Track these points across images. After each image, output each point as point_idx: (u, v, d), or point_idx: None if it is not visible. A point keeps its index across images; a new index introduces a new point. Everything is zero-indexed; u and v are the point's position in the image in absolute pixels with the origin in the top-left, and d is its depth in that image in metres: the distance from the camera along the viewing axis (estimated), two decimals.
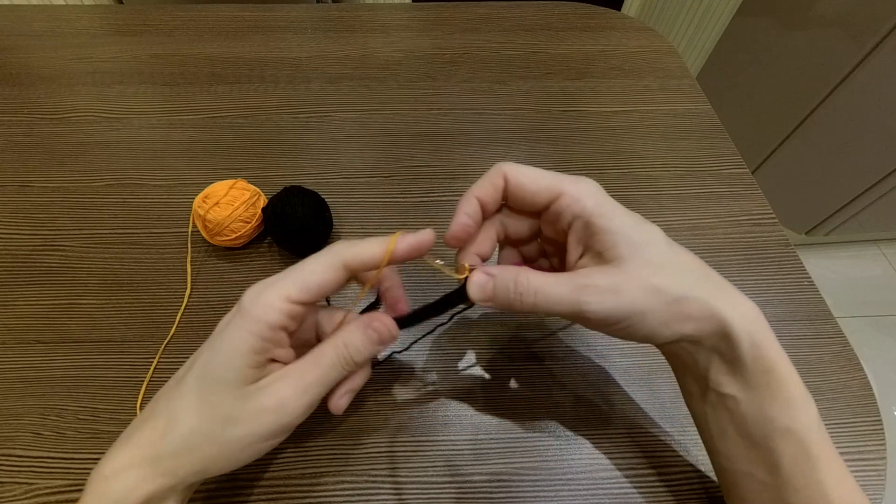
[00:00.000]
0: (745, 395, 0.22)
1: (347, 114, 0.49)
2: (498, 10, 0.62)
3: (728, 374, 0.22)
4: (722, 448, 0.23)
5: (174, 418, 0.22)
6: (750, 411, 0.22)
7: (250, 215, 0.36)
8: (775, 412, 0.21)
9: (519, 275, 0.22)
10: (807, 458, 0.21)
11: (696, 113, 0.51)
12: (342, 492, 0.28)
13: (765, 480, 0.22)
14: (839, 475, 0.21)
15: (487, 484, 0.29)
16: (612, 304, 0.21)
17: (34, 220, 0.40)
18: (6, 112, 0.48)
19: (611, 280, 0.21)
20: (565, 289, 0.22)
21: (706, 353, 0.22)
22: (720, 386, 0.22)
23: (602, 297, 0.21)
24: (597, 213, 0.22)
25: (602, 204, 0.23)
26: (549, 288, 0.22)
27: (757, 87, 1.07)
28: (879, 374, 1.13)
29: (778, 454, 0.21)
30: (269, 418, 0.22)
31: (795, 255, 0.39)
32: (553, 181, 0.24)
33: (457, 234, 0.25)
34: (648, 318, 0.21)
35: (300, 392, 0.22)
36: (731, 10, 1.11)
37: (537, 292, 0.22)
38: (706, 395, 0.23)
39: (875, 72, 0.83)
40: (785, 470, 0.21)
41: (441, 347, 0.34)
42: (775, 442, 0.21)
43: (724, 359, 0.22)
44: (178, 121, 0.48)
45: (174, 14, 0.59)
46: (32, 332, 0.34)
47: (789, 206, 1.14)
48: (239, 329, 0.22)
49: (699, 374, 0.23)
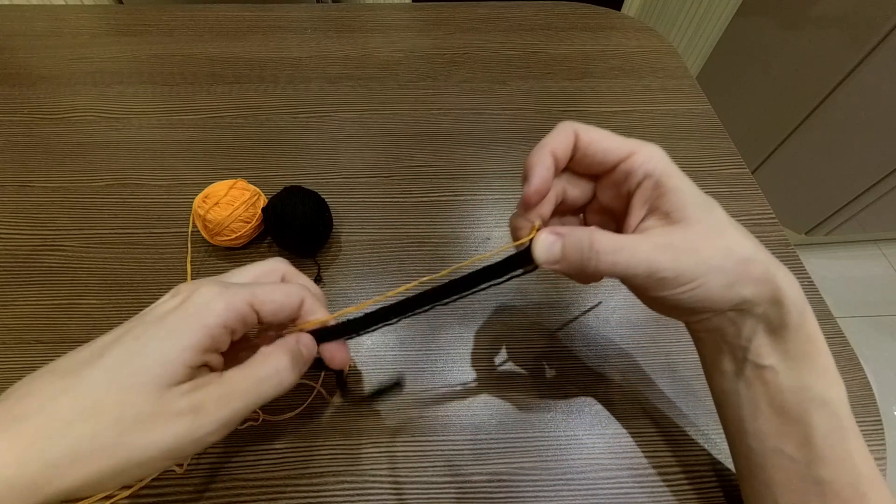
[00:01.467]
0: (785, 366, 0.22)
1: (347, 114, 0.49)
2: (498, 10, 0.62)
3: (770, 344, 0.22)
4: (752, 428, 0.23)
5: (55, 421, 0.18)
6: (788, 382, 0.22)
7: (250, 215, 0.36)
8: (813, 382, 0.22)
9: (595, 233, 0.21)
10: (839, 430, 0.22)
11: (696, 113, 0.51)
12: (342, 492, 0.28)
13: (795, 456, 0.22)
14: (865, 451, 0.22)
15: (487, 484, 0.29)
16: (691, 262, 0.21)
17: (34, 220, 0.40)
18: (6, 112, 0.48)
19: (687, 238, 0.21)
20: (643, 249, 0.21)
21: (753, 323, 0.22)
22: (760, 357, 0.23)
23: (678, 255, 0.21)
24: (668, 172, 0.22)
25: (671, 165, 0.23)
26: (628, 246, 0.21)
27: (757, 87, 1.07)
28: (879, 374, 1.13)
29: (812, 427, 0.22)
30: (182, 425, 0.19)
31: (795, 255, 0.39)
32: (624, 140, 0.23)
33: (540, 189, 0.23)
34: (718, 279, 0.21)
35: (222, 400, 0.20)
36: (731, 10, 1.11)
37: (618, 250, 0.21)
38: (743, 370, 0.23)
39: (875, 72, 0.83)
40: (817, 443, 0.22)
41: (441, 348, 0.34)
42: (810, 413, 0.22)
43: (769, 327, 0.22)
44: (178, 121, 0.48)
45: (174, 14, 0.59)
46: (32, 332, 0.34)
47: (789, 206, 1.14)
48: (186, 322, 0.20)
49: (739, 346, 0.23)
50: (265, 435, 0.30)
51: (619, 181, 0.24)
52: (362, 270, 0.38)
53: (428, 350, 0.34)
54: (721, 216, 0.22)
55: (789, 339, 0.22)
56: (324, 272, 0.37)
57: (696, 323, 0.24)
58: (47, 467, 0.17)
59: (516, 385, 0.33)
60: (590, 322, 0.36)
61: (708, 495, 0.29)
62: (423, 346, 0.34)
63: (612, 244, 0.21)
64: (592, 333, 0.35)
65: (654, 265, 0.21)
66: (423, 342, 0.34)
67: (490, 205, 0.42)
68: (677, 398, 0.32)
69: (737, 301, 0.22)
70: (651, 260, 0.21)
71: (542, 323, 0.35)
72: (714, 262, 0.21)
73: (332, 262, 0.38)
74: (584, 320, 0.36)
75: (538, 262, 0.22)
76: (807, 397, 0.22)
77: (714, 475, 0.29)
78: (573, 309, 0.36)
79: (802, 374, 0.22)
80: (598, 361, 0.34)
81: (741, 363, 0.23)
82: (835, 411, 0.22)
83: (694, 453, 0.30)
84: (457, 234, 0.40)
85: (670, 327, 0.35)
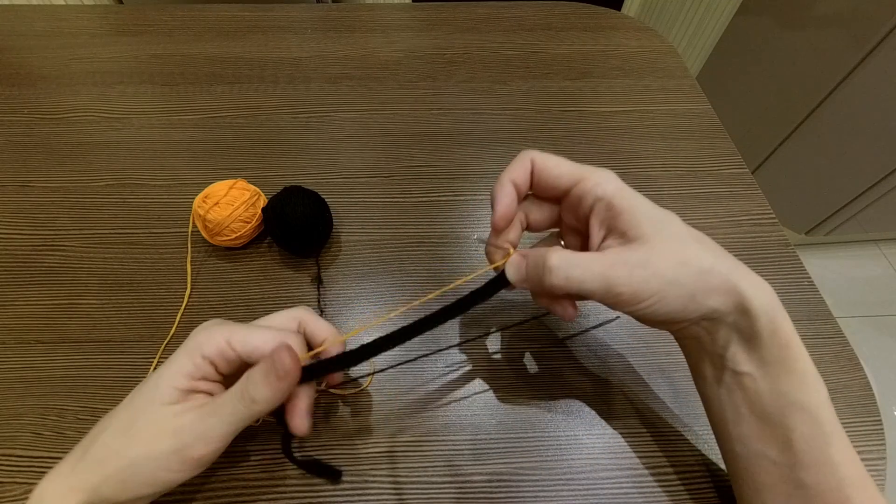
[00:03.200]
0: (762, 372, 0.22)
1: (347, 114, 0.49)
2: (498, 10, 0.62)
3: (745, 351, 0.22)
4: (735, 432, 0.24)
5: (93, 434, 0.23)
6: (765, 388, 0.22)
7: (250, 215, 0.36)
8: (790, 387, 0.22)
9: (549, 252, 0.23)
10: (819, 435, 0.22)
11: (696, 113, 0.51)
12: (342, 492, 0.28)
13: (777, 460, 0.22)
14: (849, 454, 0.22)
15: (487, 484, 0.29)
16: (642, 277, 0.21)
17: (34, 220, 0.40)
18: (6, 112, 0.48)
19: (639, 255, 0.22)
20: (597, 266, 0.22)
21: (726, 331, 0.23)
22: (737, 364, 0.23)
23: (632, 271, 0.22)
24: (618, 194, 0.23)
25: (622, 188, 0.24)
26: (582, 263, 0.22)
27: (757, 87, 1.07)
28: (879, 374, 1.13)
29: (791, 431, 0.22)
30: (167, 442, 0.22)
31: (795, 255, 0.39)
32: (575, 167, 0.25)
33: (505, 215, 0.25)
34: (676, 292, 0.22)
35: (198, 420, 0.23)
36: (731, 10, 1.11)
37: (568, 268, 0.22)
38: (722, 377, 0.23)
39: (875, 72, 0.83)
40: (798, 447, 0.22)
41: (441, 348, 0.34)
42: (789, 418, 0.22)
43: (742, 336, 0.22)
44: (178, 121, 0.48)
45: (174, 14, 0.59)
46: (32, 332, 0.34)
47: (789, 206, 1.14)
48: (179, 352, 0.24)
49: (716, 354, 0.23)
50: (265, 435, 0.30)
51: (574, 205, 0.25)
52: (362, 270, 0.38)
53: (428, 350, 0.34)
54: (678, 230, 0.23)
55: (763, 346, 0.22)
56: (324, 272, 0.37)
57: (676, 332, 0.25)
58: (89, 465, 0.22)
59: (516, 385, 0.33)
60: (590, 324, 0.36)
61: (707, 496, 0.29)
62: (423, 346, 0.34)
63: (566, 262, 0.22)
64: (592, 335, 0.35)
65: (609, 281, 0.22)
66: (423, 342, 0.34)
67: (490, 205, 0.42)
68: (676, 400, 0.32)
69: (703, 312, 0.22)
70: (606, 276, 0.22)
71: (542, 324, 0.35)
72: (669, 276, 0.22)
73: (332, 262, 0.38)
74: (583, 322, 0.36)
75: (511, 282, 0.25)
76: (785, 402, 0.22)
77: (712, 476, 0.29)
78: None
79: (780, 380, 0.22)
80: (598, 362, 0.34)
81: (720, 370, 0.24)
82: (815, 417, 0.22)
83: (693, 454, 0.30)
84: (457, 234, 0.40)
85: None
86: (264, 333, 0.24)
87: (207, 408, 0.23)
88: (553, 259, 0.22)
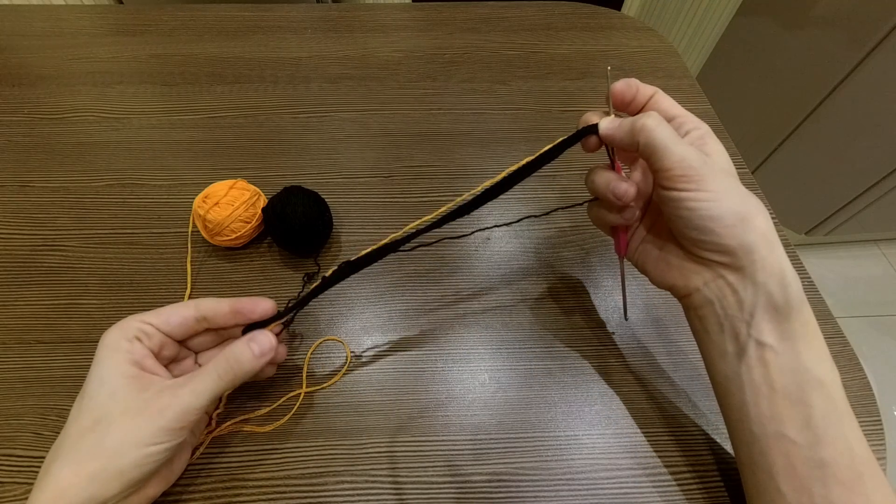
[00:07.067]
0: (784, 346, 0.23)
1: (347, 114, 0.49)
2: (498, 10, 0.62)
3: (771, 321, 0.23)
4: (754, 412, 0.24)
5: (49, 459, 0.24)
6: (787, 362, 0.23)
7: (250, 215, 0.36)
8: (811, 363, 0.22)
9: (645, 114, 0.25)
10: (835, 412, 0.22)
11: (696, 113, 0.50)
12: (342, 492, 0.28)
13: (797, 439, 0.22)
14: (859, 433, 0.22)
15: (487, 484, 0.29)
16: (712, 171, 0.24)
17: (34, 220, 0.40)
18: (6, 112, 0.48)
19: (714, 169, 0.24)
20: (684, 143, 0.24)
21: (753, 292, 0.23)
22: (761, 334, 0.23)
23: (705, 162, 0.24)
24: (712, 135, 0.29)
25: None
26: (673, 133, 0.25)
27: (757, 87, 1.07)
28: (879, 374, 1.13)
29: (811, 408, 0.22)
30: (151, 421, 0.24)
31: (795, 255, 0.39)
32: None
33: (624, 90, 0.29)
34: (732, 201, 0.23)
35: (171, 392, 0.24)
36: (731, 10, 1.11)
37: (658, 127, 0.24)
38: (745, 350, 0.24)
39: (875, 72, 0.83)
40: (817, 424, 0.22)
41: (441, 348, 0.34)
42: (809, 394, 0.22)
43: (771, 302, 0.23)
44: (178, 121, 0.48)
45: (174, 14, 0.59)
46: (32, 332, 0.34)
47: (789, 206, 1.14)
48: (101, 354, 0.25)
49: (742, 320, 0.23)
50: (265, 435, 0.30)
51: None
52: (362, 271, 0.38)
53: (428, 350, 0.34)
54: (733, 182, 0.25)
55: (791, 318, 0.23)
56: (324, 272, 0.37)
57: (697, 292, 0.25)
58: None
59: (516, 385, 0.33)
60: (590, 323, 0.36)
61: (709, 495, 0.29)
62: (423, 346, 0.34)
63: (658, 121, 0.25)
64: (592, 334, 0.35)
65: (687, 154, 0.23)
66: (423, 342, 0.34)
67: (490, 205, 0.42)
68: (677, 398, 0.32)
69: (740, 240, 0.23)
70: (685, 150, 0.24)
71: (541, 323, 0.35)
72: (730, 188, 0.24)
73: (332, 262, 0.38)
74: (583, 321, 0.36)
75: (601, 131, 0.27)
76: (805, 378, 0.22)
77: (715, 474, 0.29)
78: (573, 310, 0.36)
79: (801, 355, 0.22)
80: (599, 362, 0.34)
81: (743, 342, 0.24)
82: (830, 393, 0.22)
83: (695, 453, 0.30)
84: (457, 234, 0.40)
85: (670, 327, 0.35)
86: (175, 306, 0.27)
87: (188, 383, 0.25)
88: (649, 119, 0.24)
